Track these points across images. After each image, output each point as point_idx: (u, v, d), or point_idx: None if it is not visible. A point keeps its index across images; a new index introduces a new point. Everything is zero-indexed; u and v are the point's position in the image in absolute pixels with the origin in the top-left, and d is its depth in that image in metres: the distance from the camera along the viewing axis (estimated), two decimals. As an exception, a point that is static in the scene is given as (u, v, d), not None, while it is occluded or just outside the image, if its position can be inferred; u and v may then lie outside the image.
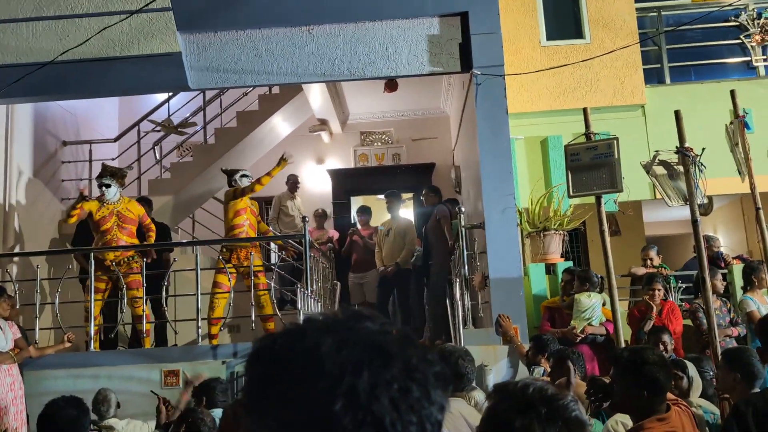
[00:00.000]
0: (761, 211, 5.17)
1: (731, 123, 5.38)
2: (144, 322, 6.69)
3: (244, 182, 7.26)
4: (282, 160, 7.28)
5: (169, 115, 9.77)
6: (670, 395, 2.75)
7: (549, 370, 4.67)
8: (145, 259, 6.80)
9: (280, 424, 0.81)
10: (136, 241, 7.06)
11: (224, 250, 7.11)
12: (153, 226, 7.35)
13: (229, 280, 6.79)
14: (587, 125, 5.22)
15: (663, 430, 2.55)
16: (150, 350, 6.75)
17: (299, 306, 6.35)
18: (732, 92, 5.23)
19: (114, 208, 6.96)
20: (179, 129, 9.58)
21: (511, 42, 7.76)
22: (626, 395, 2.64)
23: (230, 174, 7.43)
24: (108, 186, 7.00)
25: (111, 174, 7.11)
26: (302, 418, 0.80)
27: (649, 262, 7.51)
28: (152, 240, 7.22)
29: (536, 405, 1.43)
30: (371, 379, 0.80)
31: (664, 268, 7.48)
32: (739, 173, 5.37)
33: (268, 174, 7.27)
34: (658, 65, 8.43)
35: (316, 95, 9.61)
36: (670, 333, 5.64)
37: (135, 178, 9.60)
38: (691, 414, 2.87)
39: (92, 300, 6.54)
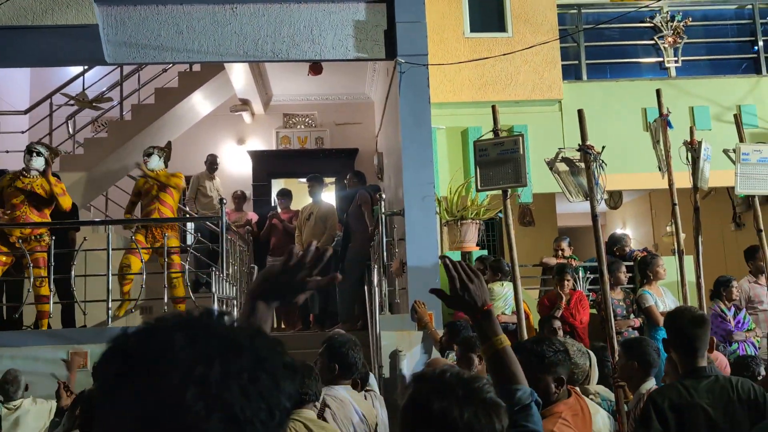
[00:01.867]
0: (677, 207, 5.38)
1: (655, 121, 5.58)
2: (51, 302, 6.47)
3: (152, 161, 7.08)
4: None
5: (84, 89, 9.43)
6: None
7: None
8: (53, 238, 6.56)
9: (136, 417, 0.85)
10: (47, 219, 6.79)
11: (139, 227, 6.96)
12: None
13: (143, 261, 6.63)
14: (495, 122, 5.34)
15: (571, 412, 2.68)
16: (57, 331, 6.54)
17: (214, 289, 6.27)
18: (658, 91, 5.42)
19: (29, 182, 6.67)
20: (94, 104, 9.27)
21: (436, 32, 7.84)
22: (534, 385, 2.73)
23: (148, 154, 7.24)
24: (39, 154, 6.68)
25: (48, 147, 6.88)
26: (156, 409, 0.84)
27: (560, 252, 7.75)
28: (63, 201, 6.77)
29: (454, 388, 1.46)
30: (222, 368, 0.85)
31: (574, 259, 7.74)
32: (660, 169, 5.57)
33: (144, 175, 7.14)
34: (576, 62, 8.68)
35: (239, 75, 9.46)
36: (557, 319, 6.02)
37: (46, 153, 9.25)
38: (583, 397, 3.02)
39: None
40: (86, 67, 9.38)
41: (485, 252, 7.44)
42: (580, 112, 4.99)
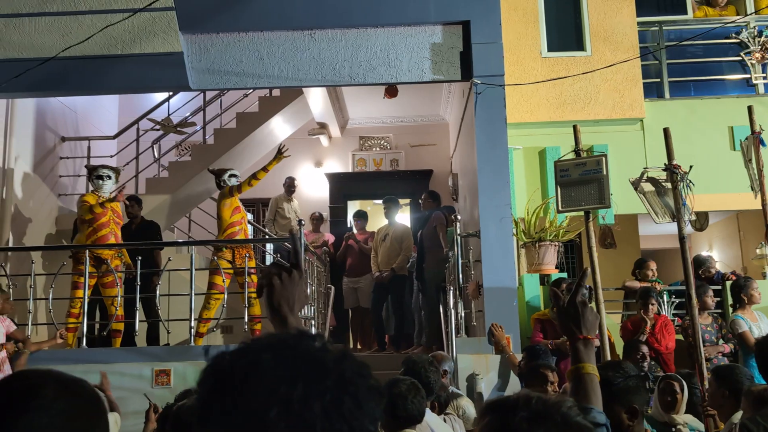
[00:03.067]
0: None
1: (746, 139, 5.36)
2: (137, 320, 6.70)
3: (233, 182, 7.31)
4: (279, 153, 7.30)
5: (168, 114, 9.77)
6: None
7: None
8: (138, 258, 6.84)
9: None
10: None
11: (224, 249, 7.11)
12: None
13: (223, 281, 6.81)
14: (577, 142, 5.23)
15: None
16: (142, 348, 6.76)
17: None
18: (750, 108, 5.21)
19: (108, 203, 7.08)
20: (178, 128, 9.59)
21: (512, 52, 7.78)
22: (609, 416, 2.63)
23: (218, 174, 7.45)
24: (109, 177, 7.14)
25: (113, 169, 7.33)
26: (242, 426, 0.88)
27: (650, 273, 7.50)
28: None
29: (552, 414, 1.36)
30: (305, 389, 0.89)
31: (658, 283, 7.49)
32: (752, 189, 5.34)
33: (264, 169, 7.30)
34: (658, 80, 8.45)
35: (317, 99, 9.63)
36: (644, 344, 5.93)
37: (132, 176, 9.61)
38: None
39: (85, 296, 6.59)
40: (171, 93, 9.73)
41: (564, 275, 7.28)
42: (665, 131, 4.84)
